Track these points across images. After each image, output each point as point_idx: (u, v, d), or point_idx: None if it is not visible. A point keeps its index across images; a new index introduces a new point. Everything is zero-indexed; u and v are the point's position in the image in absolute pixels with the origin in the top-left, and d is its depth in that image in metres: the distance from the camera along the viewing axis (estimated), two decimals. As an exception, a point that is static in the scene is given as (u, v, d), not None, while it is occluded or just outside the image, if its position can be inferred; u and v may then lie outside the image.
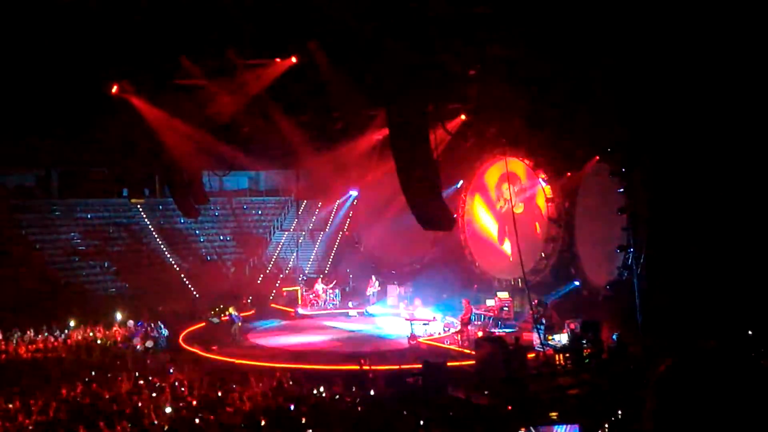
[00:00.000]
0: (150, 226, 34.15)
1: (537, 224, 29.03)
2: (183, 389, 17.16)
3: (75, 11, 19.22)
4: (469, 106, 25.37)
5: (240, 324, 24.29)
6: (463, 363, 20.43)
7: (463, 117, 26.37)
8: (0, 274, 27.85)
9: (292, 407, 15.60)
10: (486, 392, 16.99)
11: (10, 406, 15.83)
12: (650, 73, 20.09)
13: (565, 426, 13.50)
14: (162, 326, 23.89)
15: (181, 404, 15.85)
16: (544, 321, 22.71)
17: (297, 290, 31.25)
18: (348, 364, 19.88)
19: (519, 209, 29.07)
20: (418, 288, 29.79)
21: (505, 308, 26.07)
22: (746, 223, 20.11)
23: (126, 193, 34.46)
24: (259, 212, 38.75)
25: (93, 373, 18.95)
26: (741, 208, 20.18)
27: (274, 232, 37.95)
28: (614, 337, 20.32)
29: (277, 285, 32.91)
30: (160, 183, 34.76)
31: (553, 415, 15.03)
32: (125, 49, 21.10)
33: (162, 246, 33.67)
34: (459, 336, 23.76)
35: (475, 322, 24.96)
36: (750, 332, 19.01)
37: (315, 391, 17.00)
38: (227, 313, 25.38)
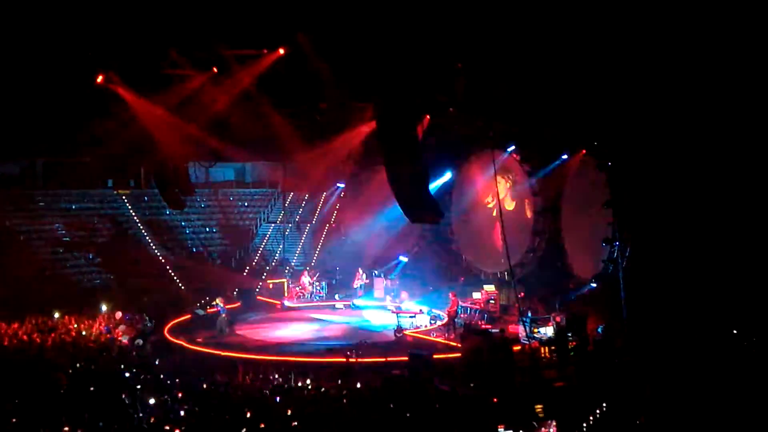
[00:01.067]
0: (135, 218, 33.96)
1: (524, 217, 29.13)
2: (168, 381, 17.10)
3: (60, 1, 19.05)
4: (456, 99, 25.34)
5: (226, 316, 24.21)
6: (449, 355, 20.49)
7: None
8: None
9: (278, 399, 15.60)
10: (471, 384, 17.05)
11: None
12: (637, 67, 20.16)
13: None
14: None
15: (165, 396, 15.79)
16: (530, 314, 22.81)
17: (283, 282, 31.19)
18: (334, 356, 19.89)
19: (509, 205, 29.18)
20: (405, 281, 29.82)
21: (492, 301, 26.15)
22: (731, 216, 20.25)
23: (111, 184, 34.31)
24: (246, 204, 38.61)
25: (78, 365, 18.81)
26: (726, 201, 20.32)
27: (261, 224, 37.85)
28: (599, 330, 20.44)
29: (263, 277, 32.82)
30: (146, 174, 34.54)
31: (538, 407, 15.11)
32: (112, 38, 20.92)
33: (147, 237, 33.48)
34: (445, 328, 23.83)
35: (462, 315, 25.03)
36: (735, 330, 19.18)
37: (301, 384, 16.99)
38: (214, 304, 25.31)
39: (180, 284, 31.01)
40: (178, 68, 23.23)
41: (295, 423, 14.20)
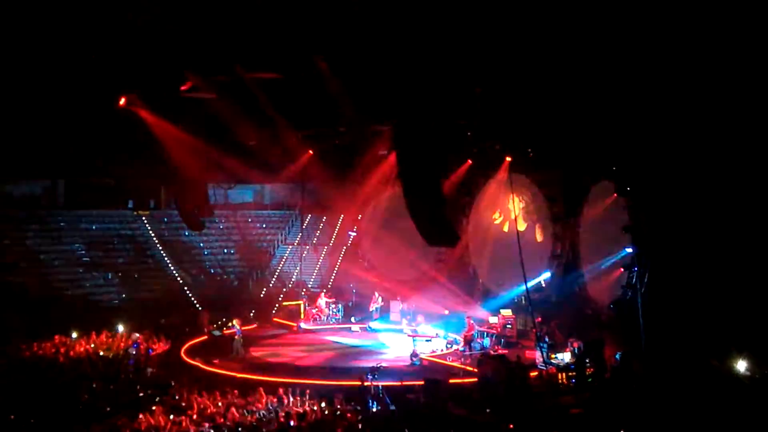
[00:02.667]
0: (154, 238, 34.21)
1: (541, 241, 29.02)
2: (183, 403, 17.12)
3: (83, 24, 19.40)
4: (474, 123, 25.43)
5: (241, 337, 24.25)
6: (465, 380, 20.35)
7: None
8: (4, 284, 27.85)
9: (293, 423, 15.55)
10: (488, 410, 16.92)
11: (12, 417, 15.84)
12: (656, 92, 20.15)
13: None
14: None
15: (181, 417, 15.82)
16: (547, 339, 22.63)
17: (300, 304, 31.21)
18: (350, 379, 19.82)
19: (523, 227, 29.07)
20: (421, 304, 29.72)
21: (508, 326, 26.00)
22: (750, 242, 20.07)
23: (131, 205, 34.63)
24: (264, 225, 38.78)
25: (95, 385, 18.91)
26: (745, 227, 20.16)
27: (278, 246, 37.96)
28: (617, 356, 20.22)
29: (280, 299, 32.86)
30: (166, 195, 34.85)
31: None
32: (133, 61, 21.27)
33: (166, 258, 33.70)
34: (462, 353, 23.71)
35: (478, 339, 24.88)
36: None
37: (316, 407, 16.94)
38: (231, 325, 25.34)
39: (197, 305, 31.12)
40: (197, 91, 23.55)
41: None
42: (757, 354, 18.84)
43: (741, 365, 18.62)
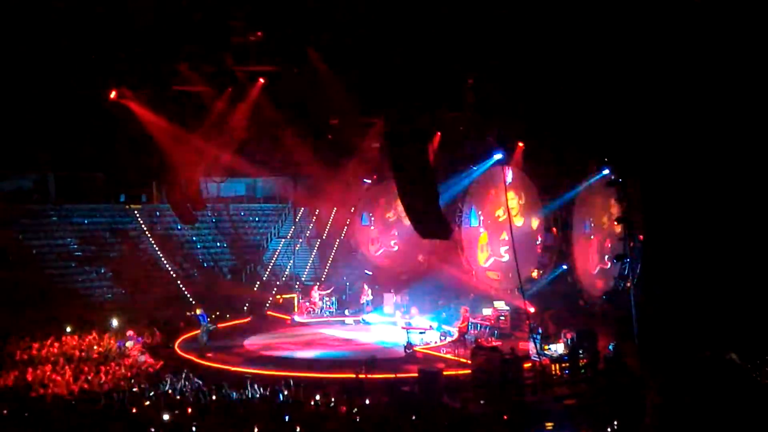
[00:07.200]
0: (147, 232, 34.08)
1: (534, 233, 29.07)
2: (177, 397, 17.11)
3: (73, 16, 19.28)
4: (467, 114, 25.42)
5: (208, 326, 24.22)
6: (459, 372, 20.38)
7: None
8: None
9: (287, 417, 15.55)
10: (482, 401, 16.97)
11: (5, 411, 15.78)
12: (648, 84, 20.17)
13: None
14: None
15: (176, 411, 15.79)
16: (540, 330, 22.66)
17: (293, 297, 31.18)
18: (344, 372, 19.84)
19: (518, 219, 29.12)
20: (415, 296, 29.75)
21: (502, 317, 26.04)
22: (742, 233, 20.15)
23: (123, 199, 34.46)
24: (256, 219, 38.70)
25: (90, 378, 18.86)
26: (737, 218, 20.23)
27: (271, 239, 37.90)
28: (610, 347, 20.30)
29: (274, 292, 32.83)
30: (158, 189, 34.71)
31: (549, 425, 15.03)
32: (124, 54, 21.16)
33: (158, 252, 33.59)
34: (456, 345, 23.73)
35: (472, 332, 24.90)
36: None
37: (311, 400, 16.94)
38: (194, 313, 25.03)
39: (191, 299, 31.07)
40: (189, 84, 23.44)
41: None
42: (744, 345, 18.92)
43: (730, 356, 18.68)
